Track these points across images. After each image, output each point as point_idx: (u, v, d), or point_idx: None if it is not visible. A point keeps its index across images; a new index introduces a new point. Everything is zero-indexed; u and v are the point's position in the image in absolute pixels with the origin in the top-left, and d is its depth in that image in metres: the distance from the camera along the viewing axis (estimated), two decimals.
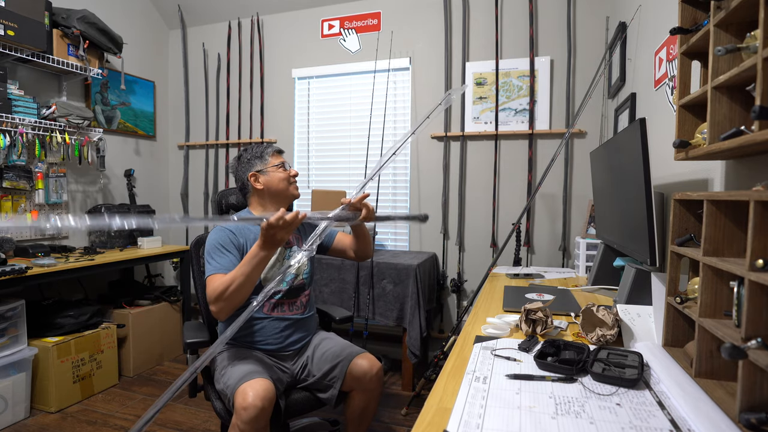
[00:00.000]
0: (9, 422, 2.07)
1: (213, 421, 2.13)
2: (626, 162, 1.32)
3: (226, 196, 1.75)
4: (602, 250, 1.73)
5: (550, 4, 2.63)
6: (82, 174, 2.92)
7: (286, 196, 1.55)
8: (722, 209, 0.80)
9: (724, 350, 0.61)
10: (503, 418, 0.72)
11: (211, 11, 3.34)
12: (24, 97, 2.44)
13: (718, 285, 0.79)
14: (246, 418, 1.20)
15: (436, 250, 2.88)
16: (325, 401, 1.48)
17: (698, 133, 0.98)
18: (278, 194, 1.53)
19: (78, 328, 2.36)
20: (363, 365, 1.45)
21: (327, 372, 1.47)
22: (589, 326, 1.11)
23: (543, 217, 2.69)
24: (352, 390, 1.48)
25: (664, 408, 0.75)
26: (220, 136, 3.40)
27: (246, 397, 1.21)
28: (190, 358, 1.52)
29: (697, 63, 1.03)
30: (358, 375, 1.44)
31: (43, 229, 2.38)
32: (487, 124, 2.74)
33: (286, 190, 1.54)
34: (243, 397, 1.22)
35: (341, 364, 1.46)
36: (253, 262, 1.27)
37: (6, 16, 2.18)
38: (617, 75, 2.18)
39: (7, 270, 1.94)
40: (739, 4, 0.77)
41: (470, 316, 1.35)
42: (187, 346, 1.46)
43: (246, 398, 1.21)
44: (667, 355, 0.93)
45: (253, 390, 1.23)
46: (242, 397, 1.22)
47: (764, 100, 0.67)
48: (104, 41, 2.70)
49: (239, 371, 1.32)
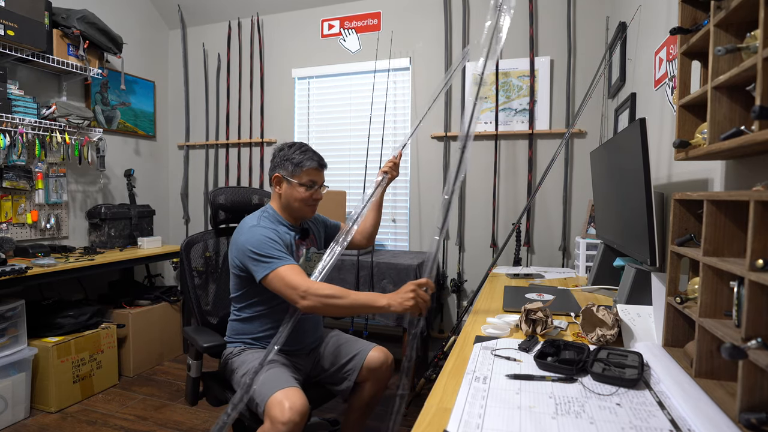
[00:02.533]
0: (9, 422, 2.07)
1: (213, 421, 2.13)
2: (626, 162, 1.32)
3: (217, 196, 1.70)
4: (602, 250, 1.73)
5: (550, 4, 2.63)
6: (82, 174, 2.92)
7: (297, 217, 1.51)
8: (722, 209, 0.79)
9: (725, 350, 0.61)
10: (503, 418, 0.72)
11: (211, 11, 3.34)
12: (24, 97, 2.44)
13: (718, 285, 0.79)
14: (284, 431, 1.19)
15: None
16: (339, 393, 1.53)
17: (698, 133, 0.98)
18: (291, 210, 1.49)
19: (78, 328, 2.36)
20: (379, 357, 1.51)
21: (342, 365, 1.51)
22: (589, 326, 1.11)
23: (543, 217, 2.69)
24: (366, 381, 1.52)
25: (664, 408, 0.75)
26: (220, 136, 3.40)
27: (284, 410, 1.19)
28: (194, 364, 1.49)
29: (697, 63, 1.03)
30: (374, 366, 1.50)
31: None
32: (487, 124, 2.74)
33: (299, 210, 1.48)
34: (281, 410, 1.19)
35: (358, 356, 1.51)
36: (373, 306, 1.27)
37: (6, 16, 2.18)
38: (617, 75, 2.18)
39: (7, 270, 1.94)
40: (739, 4, 0.77)
41: (470, 316, 1.35)
42: (205, 350, 1.40)
43: (284, 412, 1.19)
44: (667, 355, 0.93)
45: (290, 402, 1.21)
46: (280, 410, 1.19)
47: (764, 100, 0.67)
48: (104, 41, 2.70)
49: (270, 377, 1.30)
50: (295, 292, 1.27)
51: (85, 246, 2.82)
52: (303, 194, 1.44)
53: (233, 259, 1.43)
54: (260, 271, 1.32)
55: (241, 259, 1.39)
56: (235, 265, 1.43)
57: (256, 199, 1.79)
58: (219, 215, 1.71)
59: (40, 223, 2.65)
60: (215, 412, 2.16)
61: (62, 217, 2.78)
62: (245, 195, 1.77)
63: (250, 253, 1.34)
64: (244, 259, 1.37)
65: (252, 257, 1.34)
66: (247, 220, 1.45)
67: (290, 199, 1.46)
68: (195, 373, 1.50)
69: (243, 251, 1.36)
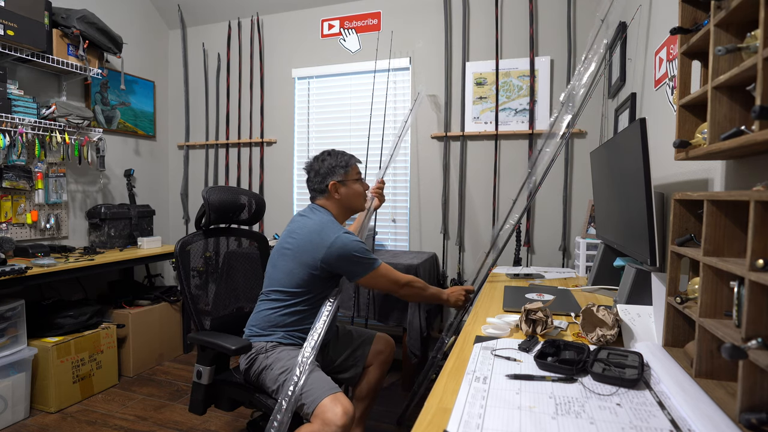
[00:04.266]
0: (9, 422, 2.07)
1: (213, 421, 2.13)
2: (626, 162, 1.32)
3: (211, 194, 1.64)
4: (602, 250, 1.73)
5: (550, 4, 2.63)
6: (82, 174, 2.92)
7: (358, 209, 1.66)
8: (722, 209, 0.79)
9: (725, 350, 0.61)
10: (503, 418, 0.72)
11: (211, 11, 3.34)
12: (24, 97, 2.44)
13: (719, 285, 0.79)
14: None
15: (436, 250, 2.88)
16: (346, 381, 1.66)
17: (698, 133, 0.98)
18: (351, 207, 1.63)
19: (78, 328, 2.36)
20: (384, 339, 1.74)
21: (350, 353, 1.67)
22: (589, 326, 1.11)
23: (543, 217, 2.69)
24: (370, 365, 1.68)
25: (665, 408, 0.75)
26: (220, 136, 3.40)
27: (338, 415, 1.25)
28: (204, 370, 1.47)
29: (697, 63, 1.03)
30: (381, 349, 1.70)
31: None
32: (487, 124, 2.74)
33: (359, 205, 1.64)
34: (335, 414, 1.25)
35: (365, 343, 1.69)
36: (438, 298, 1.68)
37: (6, 16, 2.18)
38: (617, 75, 2.18)
39: (7, 270, 1.94)
40: (739, 4, 0.77)
41: (470, 316, 1.35)
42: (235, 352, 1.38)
43: (339, 416, 1.25)
44: (667, 355, 0.93)
45: (344, 407, 1.27)
46: (333, 414, 1.25)
47: (764, 99, 0.67)
48: (104, 41, 2.70)
49: (317, 380, 1.35)
50: (396, 284, 1.55)
51: (85, 246, 2.82)
52: (360, 188, 1.63)
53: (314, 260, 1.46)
54: (362, 271, 1.49)
55: (332, 261, 1.46)
56: (312, 265, 1.46)
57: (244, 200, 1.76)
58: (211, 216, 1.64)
59: (39, 223, 2.65)
60: (215, 412, 2.15)
61: (62, 217, 2.78)
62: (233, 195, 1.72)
63: (352, 257, 1.46)
64: (340, 262, 1.46)
65: (355, 260, 1.47)
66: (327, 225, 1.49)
67: (352, 198, 1.60)
68: (207, 380, 1.46)
69: (342, 255, 1.45)
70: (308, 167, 1.63)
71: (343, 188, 1.58)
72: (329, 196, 1.58)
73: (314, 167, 1.60)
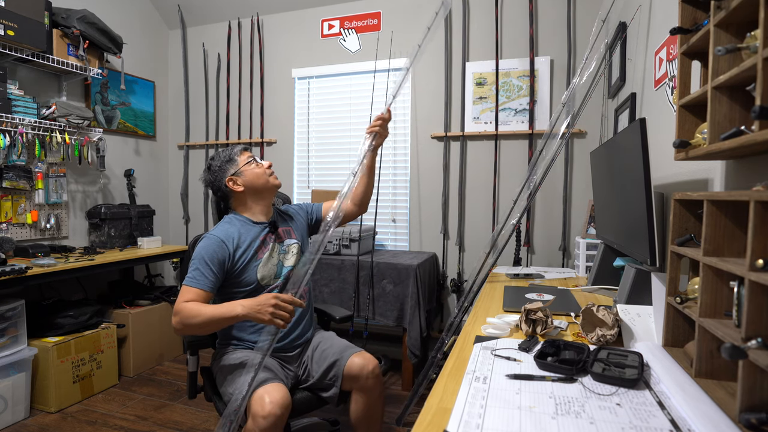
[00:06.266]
0: (9, 422, 2.07)
1: (213, 421, 2.13)
2: (626, 162, 1.32)
3: None
4: (602, 250, 1.73)
5: (550, 4, 2.63)
6: (82, 174, 2.92)
7: (268, 188, 1.54)
8: (722, 209, 0.79)
9: (725, 350, 0.61)
10: (503, 418, 0.72)
11: (211, 11, 3.34)
12: (24, 97, 2.44)
13: (718, 285, 0.79)
14: (264, 426, 1.19)
15: (436, 250, 2.88)
16: (328, 400, 1.49)
17: (698, 133, 0.98)
18: (261, 189, 1.53)
19: (78, 328, 2.36)
20: (358, 363, 1.44)
21: (326, 371, 1.47)
22: (589, 326, 1.11)
23: (543, 217, 2.69)
24: (352, 389, 1.47)
25: (664, 408, 0.75)
26: (220, 136, 3.40)
27: (264, 404, 1.20)
28: (190, 360, 1.54)
29: (697, 63, 1.03)
30: (355, 373, 1.43)
31: None
32: (487, 124, 2.74)
33: (267, 183, 1.53)
34: (261, 405, 1.20)
35: (338, 363, 1.46)
36: (227, 317, 1.28)
37: (6, 16, 2.18)
38: (617, 75, 2.18)
39: (7, 270, 1.94)
40: (739, 4, 0.77)
41: (470, 316, 1.35)
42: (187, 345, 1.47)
43: (264, 406, 1.20)
44: (667, 355, 0.93)
45: (270, 396, 1.22)
46: (260, 405, 1.20)
47: (764, 99, 0.67)
48: (104, 41, 2.70)
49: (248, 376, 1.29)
50: (175, 311, 1.31)
51: (85, 246, 2.82)
52: (259, 169, 1.52)
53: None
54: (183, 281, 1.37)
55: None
56: None
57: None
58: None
59: (40, 223, 2.65)
60: (215, 412, 2.15)
61: (62, 217, 2.78)
62: None
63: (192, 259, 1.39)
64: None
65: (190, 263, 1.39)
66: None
67: (253, 180, 1.50)
68: (193, 368, 1.57)
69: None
70: (207, 183, 1.57)
71: (240, 178, 1.50)
72: (232, 193, 1.52)
73: (208, 179, 1.55)
